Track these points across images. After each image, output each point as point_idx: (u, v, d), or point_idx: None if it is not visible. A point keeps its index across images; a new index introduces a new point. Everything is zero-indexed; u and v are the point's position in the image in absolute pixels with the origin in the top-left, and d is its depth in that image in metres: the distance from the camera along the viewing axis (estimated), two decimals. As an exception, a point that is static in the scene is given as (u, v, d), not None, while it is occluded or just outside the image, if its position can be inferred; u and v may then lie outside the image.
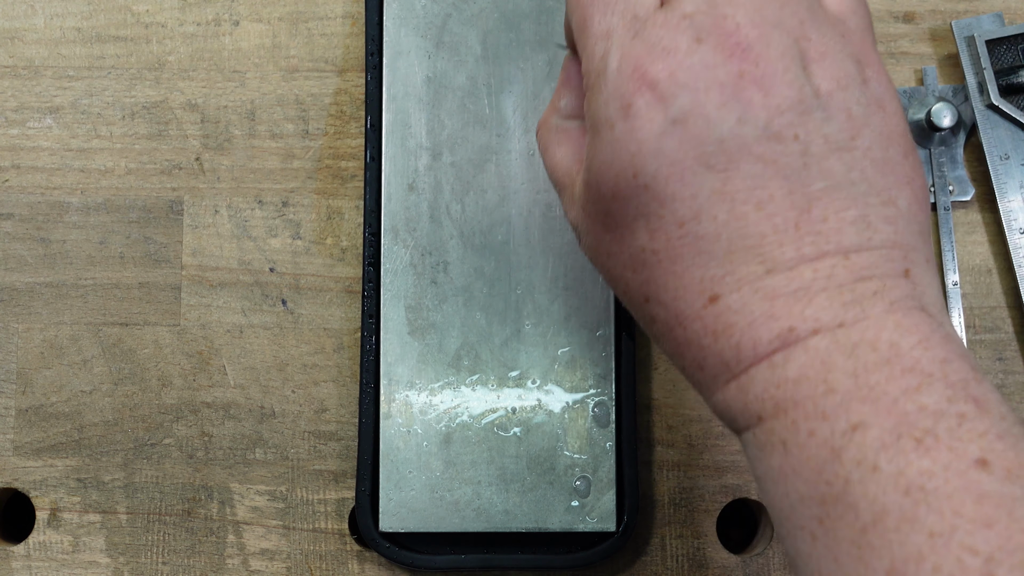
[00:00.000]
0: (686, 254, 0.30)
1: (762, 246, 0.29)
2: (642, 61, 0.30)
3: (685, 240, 0.30)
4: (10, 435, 0.46)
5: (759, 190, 0.30)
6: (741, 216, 0.30)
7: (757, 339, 0.29)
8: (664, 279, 0.31)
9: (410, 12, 0.45)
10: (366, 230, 0.45)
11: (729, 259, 0.30)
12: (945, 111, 0.46)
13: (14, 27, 0.47)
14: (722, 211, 0.30)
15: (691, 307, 0.30)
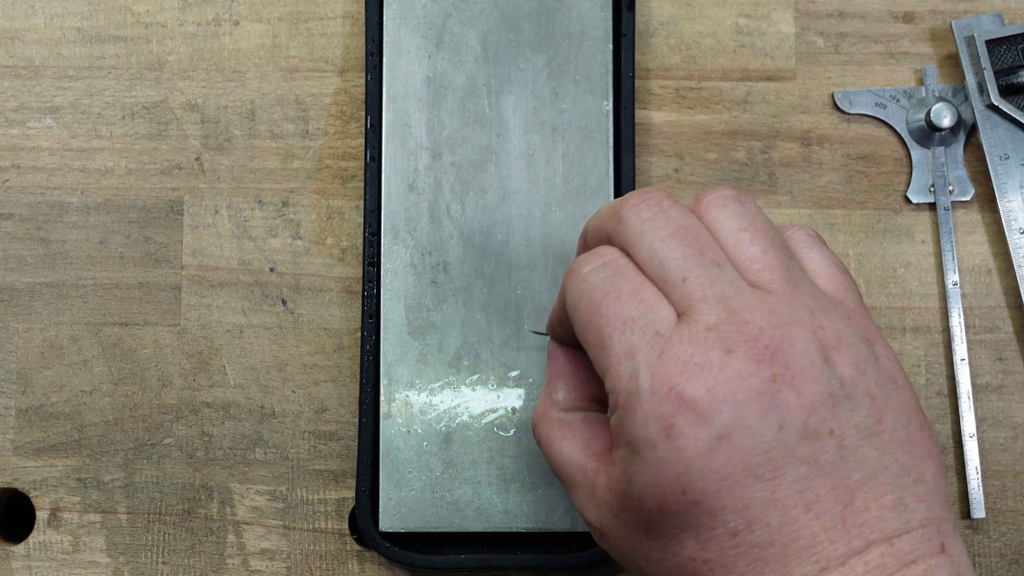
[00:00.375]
0: (740, 562, 0.30)
1: (814, 546, 0.30)
2: (676, 380, 0.30)
3: (739, 549, 0.30)
4: (10, 435, 0.46)
5: (806, 492, 0.30)
6: (792, 520, 0.30)
7: None
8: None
9: (410, 12, 0.45)
10: (366, 230, 0.45)
11: (784, 562, 0.30)
12: (945, 111, 0.46)
13: (14, 27, 0.48)
14: (774, 518, 0.30)
15: None
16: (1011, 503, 0.45)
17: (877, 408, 0.31)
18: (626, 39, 0.45)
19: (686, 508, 0.30)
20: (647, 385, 0.31)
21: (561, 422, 0.36)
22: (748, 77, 0.47)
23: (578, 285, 0.34)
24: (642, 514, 0.32)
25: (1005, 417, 0.46)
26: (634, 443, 0.31)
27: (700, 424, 0.30)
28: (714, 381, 0.30)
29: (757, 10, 0.48)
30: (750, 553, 0.30)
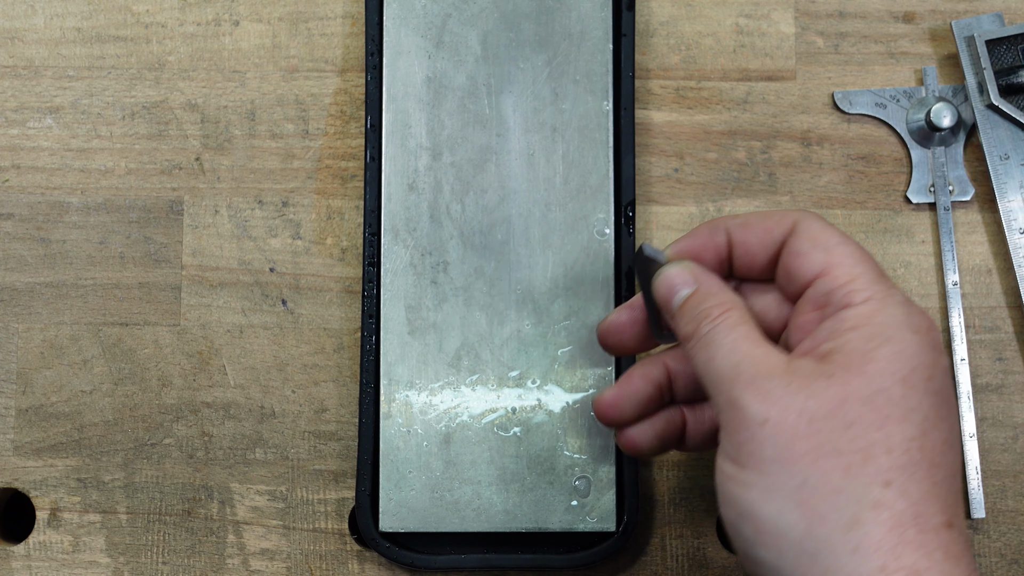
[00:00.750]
0: (943, 467, 0.33)
1: None
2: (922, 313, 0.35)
3: (946, 453, 0.33)
4: (10, 435, 0.46)
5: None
6: None
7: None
8: (919, 477, 0.32)
9: (410, 12, 0.45)
10: (366, 230, 0.45)
11: None
12: (945, 111, 0.46)
13: (14, 27, 0.48)
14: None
15: (933, 517, 0.32)
16: (1011, 503, 0.45)
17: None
18: (626, 39, 0.45)
19: (925, 390, 0.33)
20: (904, 304, 0.34)
21: (750, 315, 0.37)
22: (748, 77, 0.47)
23: (824, 221, 0.36)
24: (878, 379, 0.33)
25: (1005, 417, 0.46)
26: (895, 324, 0.33)
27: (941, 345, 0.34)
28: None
29: (757, 10, 0.48)
30: (952, 458, 0.33)
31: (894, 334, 0.33)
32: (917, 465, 0.32)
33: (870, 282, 0.34)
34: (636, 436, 0.40)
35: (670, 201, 0.47)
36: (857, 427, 0.32)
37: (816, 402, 0.32)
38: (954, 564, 0.31)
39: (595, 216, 0.45)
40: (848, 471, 0.32)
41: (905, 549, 0.31)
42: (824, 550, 0.32)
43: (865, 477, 0.32)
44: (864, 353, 0.33)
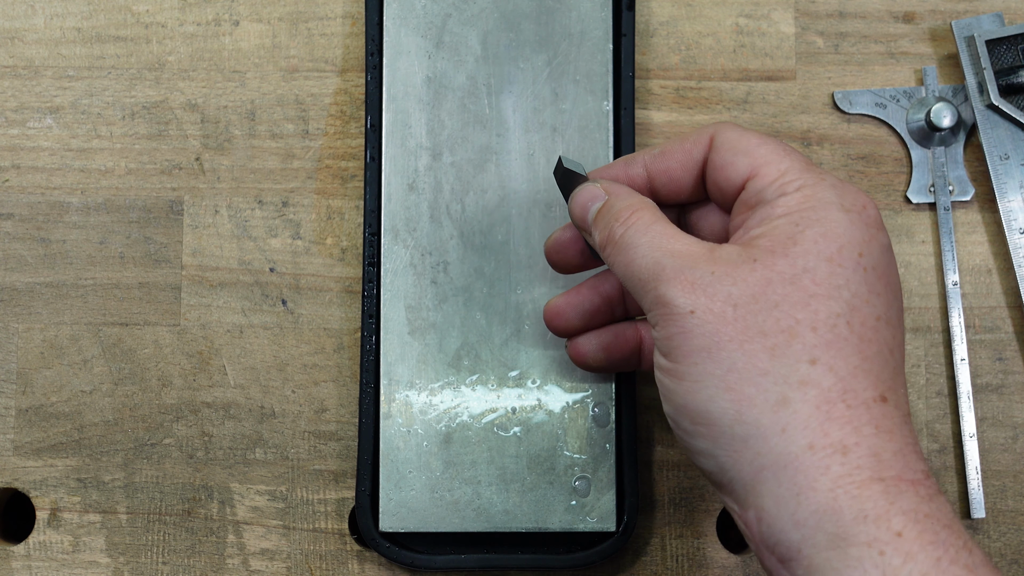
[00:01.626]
0: (875, 343, 0.33)
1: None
2: (859, 195, 0.35)
3: (878, 329, 0.33)
4: (10, 435, 0.46)
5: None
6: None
7: None
8: (848, 352, 0.33)
9: (410, 12, 0.45)
10: (366, 230, 0.45)
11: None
12: (945, 111, 0.46)
13: (14, 27, 0.48)
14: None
15: (864, 391, 0.32)
16: (1011, 503, 0.45)
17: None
18: (626, 39, 0.45)
19: (855, 267, 0.33)
20: (832, 188, 0.34)
21: (661, 214, 0.37)
22: (748, 77, 0.47)
23: (739, 128, 0.36)
24: (804, 259, 0.33)
25: (1005, 417, 0.46)
26: (825, 205, 0.33)
27: (881, 222, 0.34)
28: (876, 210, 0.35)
29: (757, 10, 0.48)
30: (884, 333, 0.33)
31: (823, 215, 0.33)
32: (845, 341, 0.32)
33: (799, 172, 0.34)
34: (582, 345, 0.41)
35: (670, 201, 0.47)
36: (782, 307, 0.32)
37: (741, 287, 0.32)
38: (886, 438, 0.31)
39: (595, 216, 0.45)
40: (774, 352, 0.32)
41: (832, 425, 0.31)
42: (754, 433, 0.31)
43: (791, 356, 0.32)
44: (790, 236, 0.33)
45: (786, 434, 0.31)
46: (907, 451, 0.31)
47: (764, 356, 0.32)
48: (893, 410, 0.32)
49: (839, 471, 0.30)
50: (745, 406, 0.32)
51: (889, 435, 0.31)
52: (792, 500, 0.31)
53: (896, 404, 0.32)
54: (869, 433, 0.31)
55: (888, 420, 0.31)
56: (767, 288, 0.32)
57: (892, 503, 0.30)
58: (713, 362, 0.32)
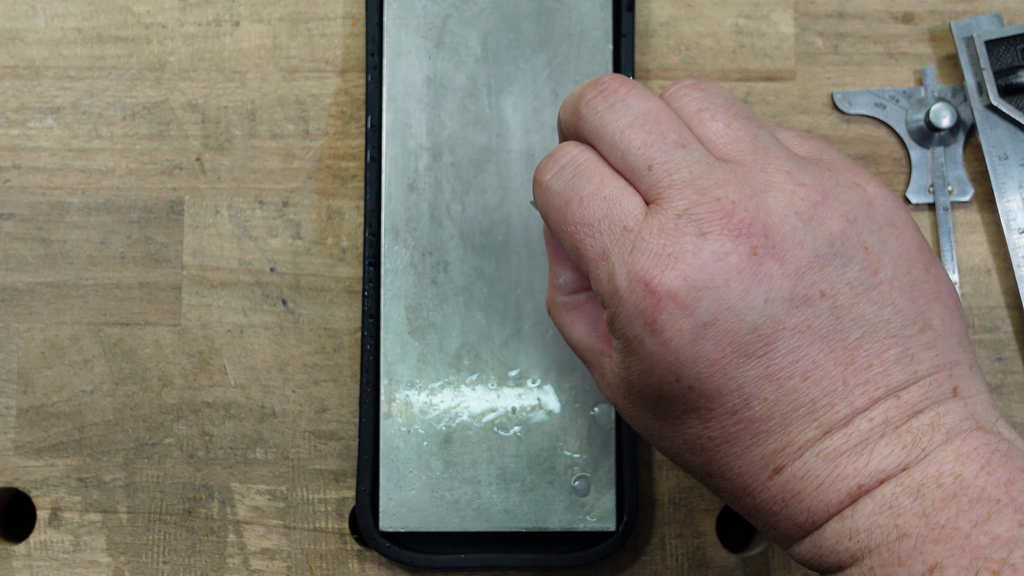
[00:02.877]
0: (743, 436, 0.30)
1: (815, 412, 0.30)
2: (652, 274, 0.30)
3: (740, 425, 0.30)
4: (11, 435, 0.46)
5: (802, 361, 0.30)
6: (790, 391, 0.30)
7: (827, 501, 0.30)
8: (725, 460, 0.31)
9: (410, 12, 0.45)
10: (366, 230, 0.45)
11: (785, 431, 0.30)
12: (944, 111, 0.46)
13: (15, 27, 0.48)
14: (770, 392, 0.30)
15: (756, 480, 0.31)
16: (1010, 503, 0.45)
17: (872, 259, 0.30)
18: (626, 39, 0.45)
19: (683, 393, 0.30)
20: (624, 284, 0.30)
21: (568, 305, 0.36)
22: (748, 77, 0.48)
23: (543, 194, 0.33)
24: (645, 398, 0.32)
25: (1005, 417, 0.46)
26: (625, 340, 0.31)
27: (682, 314, 0.29)
28: (689, 268, 0.29)
29: (757, 10, 0.48)
30: (751, 427, 0.30)
31: (629, 347, 0.31)
32: (716, 452, 0.32)
33: (596, 283, 0.32)
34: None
35: (670, 201, 0.47)
36: (665, 439, 0.33)
37: (633, 421, 0.34)
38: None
39: (595, 216, 0.45)
40: (687, 468, 0.33)
41: None
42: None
43: (696, 473, 0.33)
44: (622, 373, 0.33)
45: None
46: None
47: (684, 470, 0.34)
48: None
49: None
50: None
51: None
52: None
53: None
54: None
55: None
56: (647, 424, 0.33)
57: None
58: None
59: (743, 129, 0.32)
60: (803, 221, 0.30)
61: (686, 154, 0.31)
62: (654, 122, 0.32)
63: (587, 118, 0.33)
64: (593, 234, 0.31)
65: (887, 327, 0.30)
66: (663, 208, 0.30)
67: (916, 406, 0.30)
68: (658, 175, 0.31)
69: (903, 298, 0.30)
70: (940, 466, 0.29)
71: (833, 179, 0.31)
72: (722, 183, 0.30)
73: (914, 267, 0.31)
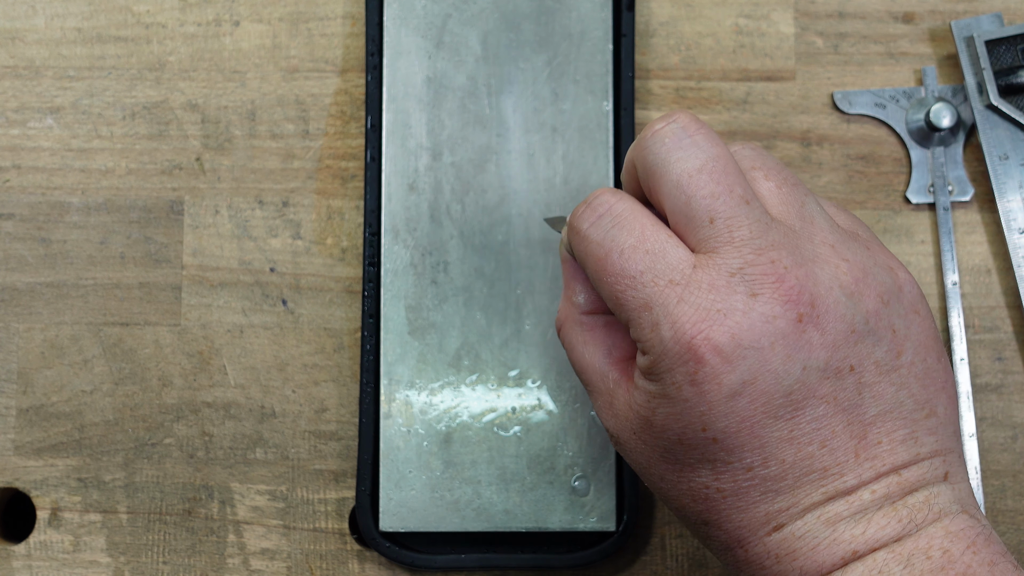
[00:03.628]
0: (752, 492, 0.31)
1: (824, 479, 0.31)
2: (699, 327, 0.30)
3: (752, 482, 0.31)
4: (11, 435, 0.46)
5: (823, 429, 0.31)
6: (807, 456, 0.31)
7: (821, 563, 0.31)
8: (728, 512, 0.32)
9: (410, 12, 0.45)
10: (366, 230, 0.45)
11: (793, 493, 0.31)
12: (944, 111, 0.46)
13: (15, 27, 0.48)
14: (789, 454, 0.31)
15: (754, 535, 0.32)
16: (1011, 503, 0.45)
17: (897, 341, 0.32)
18: (626, 39, 0.45)
19: (705, 444, 0.31)
20: (669, 335, 0.30)
21: (583, 325, 0.36)
22: (748, 77, 0.48)
23: (581, 243, 0.34)
24: (661, 441, 0.32)
25: (1005, 417, 0.46)
26: (661, 384, 0.31)
27: (725, 370, 0.30)
28: (738, 327, 0.30)
29: (757, 10, 0.48)
30: (763, 485, 0.31)
31: (664, 391, 0.32)
32: (720, 503, 0.32)
33: (638, 331, 0.32)
34: None
35: (670, 201, 0.47)
36: (666, 481, 0.33)
37: (635, 457, 0.34)
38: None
39: (595, 216, 0.45)
40: (681, 513, 0.34)
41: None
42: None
43: (690, 519, 0.33)
44: (647, 413, 0.32)
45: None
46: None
47: (679, 514, 0.34)
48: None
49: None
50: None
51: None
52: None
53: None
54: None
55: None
56: (650, 464, 0.33)
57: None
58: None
59: (792, 195, 0.33)
60: (846, 295, 0.31)
61: (749, 211, 0.31)
62: (723, 172, 0.32)
63: (653, 151, 0.33)
64: (635, 286, 0.31)
65: (900, 409, 0.31)
66: (716, 264, 0.31)
67: (914, 484, 0.31)
68: (719, 229, 0.31)
69: (917, 384, 0.32)
70: (930, 540, 0.30)
71: (871, 258, 0.32)
72: (776, 246, 0.31)
73: (929, 355, 0.32)
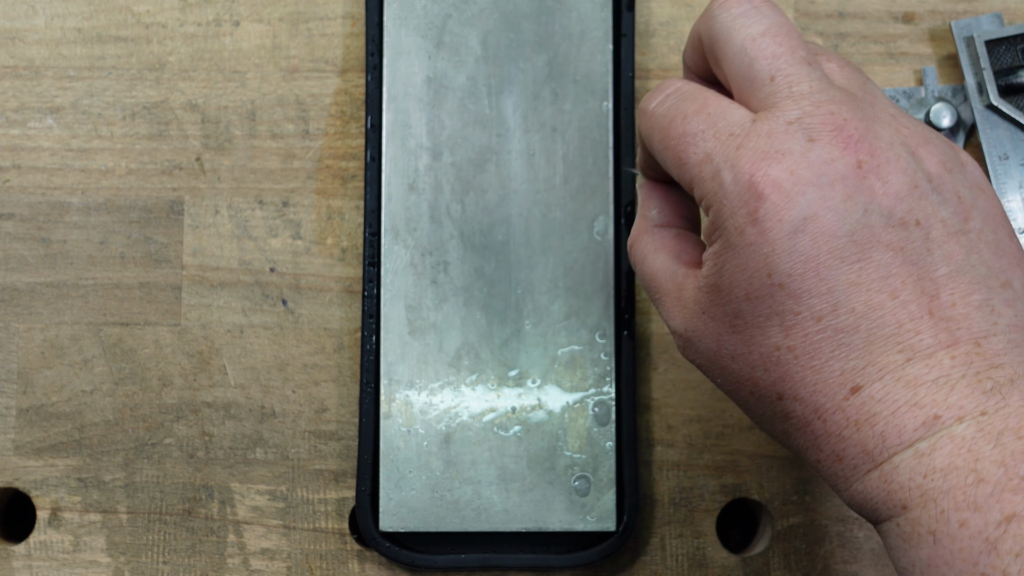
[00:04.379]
0: (825, 348, 0.30)
1: (900, 335, 0.30)
2: (758, 166, 0.30)
3: (824, 334, 0.30)
4: (11, 435, 0.46)
5: (891, 278, 0.30)
6: (877, 306, 0.30)
7: (902, 427, 0.30)
8: (802, 374, 0.31)
9: (410, 12, 0.45)
10: (366, 230, 0.45)
11: (868, 349, 0.30)
12: (944, 111, 0.46)
13: (15, 27, 0.48)
14: (859, 302, 0.30)
15: (831, 399, 0.31)
16: None
17: (964, 208, 0.31)
18: (626, 39, 0.45)
19: (771, 291, 0.30)
20: (729, 178, 0.31)
21: (655, 236, 0.36)
22: (748, 77, 0.47)
23: (647, 120, 0.34)
24: (730, 304, 0.32)
25: (1004, 417, 0.46)
26: (724, 234, 0.31)
27: (784, 206, 0.30)
28: (795, 164, 0.30)
29: (757, 10, 0.48)
30: (835, 339, 0.30)
31: (727, 242, 0.31)
32: (793, 365, 0.31)
33: (704, 179, 0.32)
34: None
35: (670, 201, 0.47)
36: (737, 358, 0.32)
37: (706, 344, 0.33)
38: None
39: (595, 216, 0.45)
40: (754, 396, 0.33)
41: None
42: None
43: (764, 398, 0.32)
44: (714, 276, 0.32)
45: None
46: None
47: (751, 400, 0.33)
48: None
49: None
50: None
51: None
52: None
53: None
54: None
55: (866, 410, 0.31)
56: (721, 343, 0.32)
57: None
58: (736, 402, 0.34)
59: (855, 75, 0.33)
60: (908, 152, 0.31)
61: (810, 71, 0.32)
62: (786, 35, 0.32)
63: (719, 19, 0.33)
64: (696, 142, 0.32)
65: (973, 272, 0.31)
66: (774, 115, 0.31)
67: (995, 359, 0.30)
68: (779, 85, 0.32)
69: (989, 251, 0.31)
70: (1020, 420, 0.29)
71: (933, 133, 0.33)
72: (837, 101, 0.31)
73: (999, 229, 0.32)
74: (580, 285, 0.44)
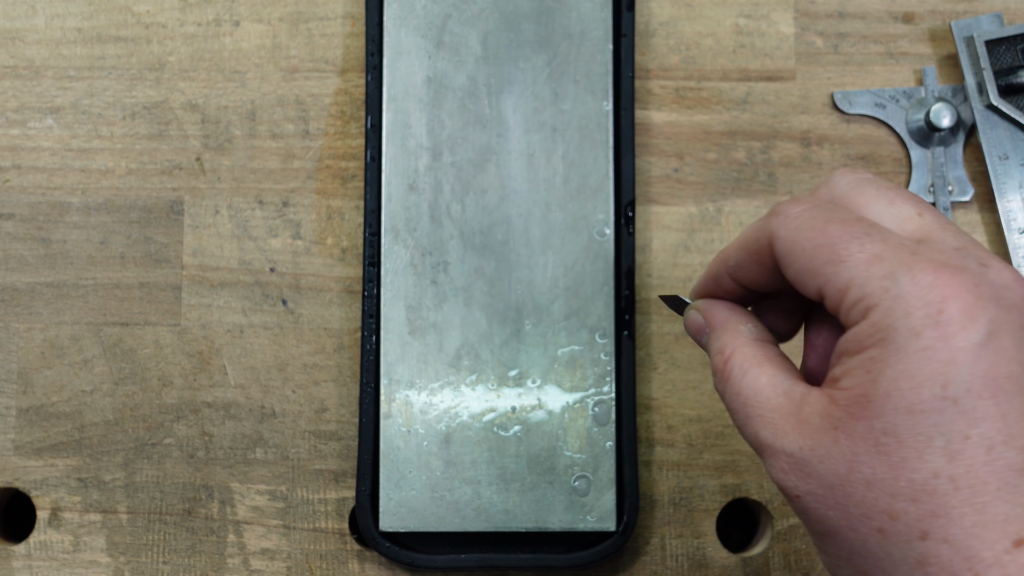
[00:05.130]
0: (992, 484, 0.27)
1: None
2: (941, 273, 0.28)
3: (993, 467, 0.27)
4: (11, 435, 0.46)
5: None
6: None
7: None
8: (959, 511, 0.27)
9: (410, 12, 0.45)
10: (366, 230, 0.45)
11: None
12: (944, 111, 0.46)
13: (15, 27, 0.48)
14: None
15: (990, 549, 0.27)
16: (1010, 503, 0.45)
17: None
18: (626, 39, 0.45)
19: (941, 407, 0.27)
20: (906, 278, 0.28)
21: (757, 350, 0.33)
22: (748, 77, 0.48)
23: (790, 221, 0.31)
24: (881, 418, 0.28)
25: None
26: (892, 337, 0.28)
27: (970, 315, 0.27)
28: (977, 280, 0.28)
29: (757, 10, 0.48)
30: (1004, 476, 0.27)
31: (894, 348, 0.28)
32: (952, 498, 0.27)
33: (864, 281, 0.29)
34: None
35: (670, 201, 0.47)
36: (875, 486, 0.28)
37: (830, 465, 0.29)
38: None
39: (595, 216, 0.45)
40: (883, 534, 0.28)
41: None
42: None
43: (899, 536, 0.28)
44: (863, 390, 0.28)
45: None
46: None
47: (875, 540, 0.28)
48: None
49: None
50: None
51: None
52: None
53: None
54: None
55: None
56: (854, 465, 0.29)
57: None
58: (835, 546, 0.30)
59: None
60: None
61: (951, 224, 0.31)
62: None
63: (839, 182, 0.32)
64: (863, 241, 0.29)
65: None
66: (936, 241, 0.30)
67: None
68: (928, 220, 0.30)
69: None
70: None
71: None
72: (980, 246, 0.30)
73: None
74: (580, 285, 0.44)
